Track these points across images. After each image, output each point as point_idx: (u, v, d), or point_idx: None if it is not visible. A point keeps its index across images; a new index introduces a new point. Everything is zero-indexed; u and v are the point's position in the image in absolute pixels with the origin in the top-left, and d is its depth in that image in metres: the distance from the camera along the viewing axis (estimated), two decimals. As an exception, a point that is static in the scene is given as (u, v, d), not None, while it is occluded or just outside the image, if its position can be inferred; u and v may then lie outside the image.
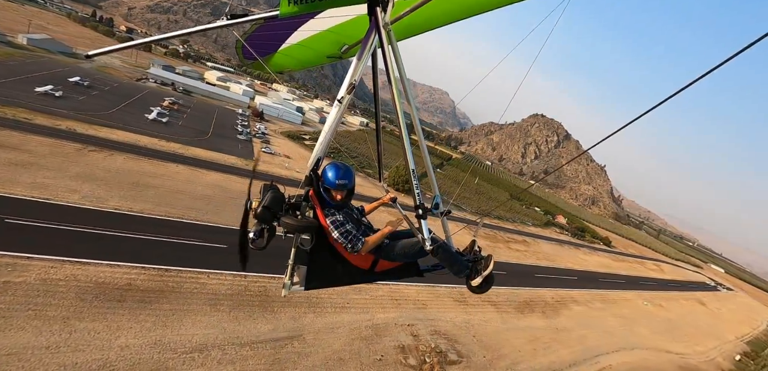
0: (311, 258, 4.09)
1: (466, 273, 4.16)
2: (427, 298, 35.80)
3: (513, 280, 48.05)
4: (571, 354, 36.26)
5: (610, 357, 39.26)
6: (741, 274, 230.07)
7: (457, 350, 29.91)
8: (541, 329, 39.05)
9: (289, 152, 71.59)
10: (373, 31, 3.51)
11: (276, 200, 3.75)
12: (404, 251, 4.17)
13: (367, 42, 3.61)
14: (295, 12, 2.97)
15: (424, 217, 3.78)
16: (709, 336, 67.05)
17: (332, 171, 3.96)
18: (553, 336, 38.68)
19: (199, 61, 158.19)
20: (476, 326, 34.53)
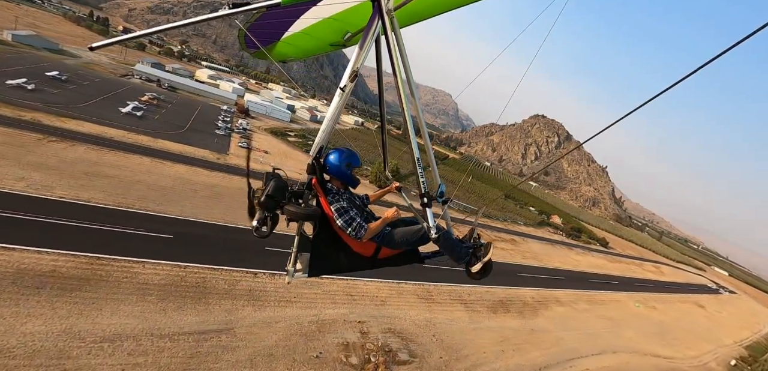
0: (314, 246, 4.11)
1: (466, 260, 4.09)
2: (388, 295, 33.81)
3: (491, 279, 45.64)
4: (543, 356, 34.03)
5: (587, 360, 36.96)
6: (746, 277, 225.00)
7: (411, 350, 27.89)
8: (514, 329, 36.86)
9: (270, 147, 69.97)
10: (376, 17, 3.51)
11: (279, 189, 3.74)
12: (406, 238, 4.09)
13: (369, 29, 3.58)
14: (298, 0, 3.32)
15: (429, 205, 3.73)
16: (704, 340, 64.28)
17: (336, 156, 4.04)
18: (526, 337, 36.46)
19: (194, 61, 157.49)
20: (439, 325, 32.46)
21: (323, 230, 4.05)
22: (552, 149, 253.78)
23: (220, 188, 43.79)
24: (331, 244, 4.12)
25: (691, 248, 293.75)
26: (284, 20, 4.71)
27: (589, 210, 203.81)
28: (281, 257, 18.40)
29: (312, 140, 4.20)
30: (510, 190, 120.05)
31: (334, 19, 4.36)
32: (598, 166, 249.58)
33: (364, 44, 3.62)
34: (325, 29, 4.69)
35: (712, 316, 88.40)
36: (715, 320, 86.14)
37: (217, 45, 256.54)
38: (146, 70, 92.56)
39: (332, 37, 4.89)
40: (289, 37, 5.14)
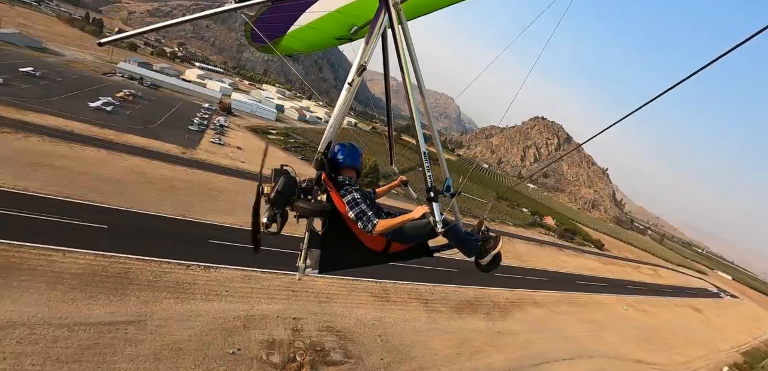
0: (324, 242, 4.12)
1: (475, 253, 4.06)
2: (337, 292, 31.81)
3: (462, 278, 43.38)
4: (503, 360, 31.62)
5: (556, 365, 34.49)
6: (753, 282, 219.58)
7: (347, 350, 25.81)
8: (477, 332, 34.51)
9: (247, 145, 68.15)
10: (383, 10, 3.49)
11: (289, 185, 3.73)
12: (415, 233, 3.96)
13: (376, 22, 3.55)
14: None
15: (435, 199, 3.67)
16: (696, 345, 61.29)
17: (341, 150, 4.12)
18: (490, 339, 34.09)
19: (187, 62, 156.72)
20: (389, 325, 30.28)
21: (333, 226, 4.04)
22: (552, 151, 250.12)
23: (177, 181, 42.16)
24: (341, 239, 4.09)
25: (695, 252, 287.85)
26: (290, 14, 4.62)
27: (588, 213, 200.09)
28: (223, 250, 24.27)
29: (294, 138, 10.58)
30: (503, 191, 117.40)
31: (339, 12, 4.30)
32: (598, 168, 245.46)
33: (371, 38, 3.54)
34: (331, 23, 4.63)
35: (709, 321, 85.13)
36: (712, 324, 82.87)
37: (216, 47, 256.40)
38: (130, 68, 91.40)
39: (338, 31, 4.84)
40: (294, 31, 5.04)
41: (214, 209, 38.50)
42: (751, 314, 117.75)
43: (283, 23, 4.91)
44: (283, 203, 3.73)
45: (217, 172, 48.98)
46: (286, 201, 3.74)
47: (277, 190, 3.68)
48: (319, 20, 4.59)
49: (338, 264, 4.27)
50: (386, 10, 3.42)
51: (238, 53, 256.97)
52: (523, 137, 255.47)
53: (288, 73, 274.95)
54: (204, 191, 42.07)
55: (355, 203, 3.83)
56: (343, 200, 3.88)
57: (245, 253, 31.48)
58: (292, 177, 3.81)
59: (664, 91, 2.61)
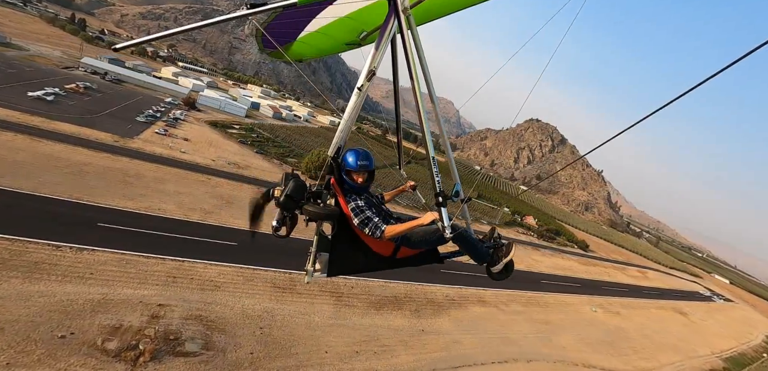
0: (333, 245, 4.12)
1: (486, 260, 4.06)
2: (230, 280, 29.11)
3: (397, 274, 40.11)
4: (414, 362, 28.20)
5: (482, 368, 31.00)
6: (752, 286, 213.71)
7: (211, 341, 22.96)
8: (394, 330, 31.12)
9: (201, 137, 65.49)
10: (392, 16, 3.50)
11: (298, 189, 3.74)
12: (424, 238, 3.92)
13: (386, 28, 3.57)
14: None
15: (443, 204, 3.65)
16: (669, 350, 57.31)
17: (353, 155, 4.02)
18: (406, 338, 30.68)
19: (170, 62, 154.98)
20: (280, 318, 27.19)
21: (342, 230, 4.04)
22: (545, 152, 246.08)
23: (91, 166, 39.72)
24: (350, 244, 4.07)
25: (694, 256, 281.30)
26: (300, 20, 4.63)
27: (581, 215, 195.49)
28: (109, 233, 23.32)
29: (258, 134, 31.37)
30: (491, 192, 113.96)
31: (349, 18, 4.31)
32: (593, 170, 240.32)
33: (380, 43, 3.57)
34: (341, 28, 4.63)
35: (692, 324, 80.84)
36: (696, 328, 78.58)
37: (207, 49, 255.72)
38: (94, 63, 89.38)
39: (348, 37, 4.85)
40: (305, 36, 5.04)
41: (121, 194, 35.84)
42: (744, 318, 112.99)
43: (294, 29, 4.91)
44: (292, 207, 3.74)
45: (144, 160, 46.22)
46: (296, 205, 3.73)
47: (287, 194, 3.68)
48: (329, 26, 4.59)
49: (347, 268, 4.25)
50: (396, 16, 3.44)
51: (230, 55, 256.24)
52: (516, 139, 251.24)
53: (280, 76, 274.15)
54: (118, 177, 39.34)
55: (360, 210, 3.86)
56: (348, 208, 3.89)
57: (135, 237, 29.58)
58: (302, 181, 3.79)
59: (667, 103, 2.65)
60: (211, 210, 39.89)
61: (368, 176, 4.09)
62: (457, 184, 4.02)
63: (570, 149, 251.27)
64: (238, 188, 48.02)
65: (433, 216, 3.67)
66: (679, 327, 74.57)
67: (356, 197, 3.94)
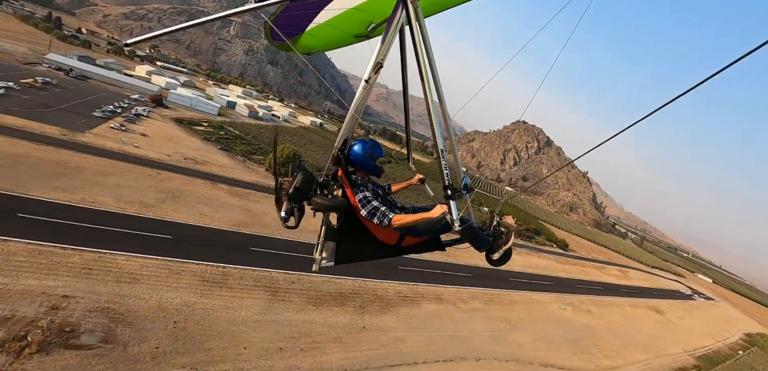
0: (340, 235, 4.19)
1: (486, 248, 4.14)
2: (154, 273, 27.92)
3: (350, 270, 38.49)
4: (346, 359, 26.56)
5: (423, 367, 29.40)
6: (736, 285, 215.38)
7: (113, 334, 21.68)
8: (330, 326, 29.44)
9: (165, 133, 63.38)
10: (400, 7, 3.50)
11: (307, 181, 3.82)
12: (428, 227, 3.93)
13: (393, 19, 3.54)
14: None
15: (452, 197, 3.69)
16: (638, 348, 56.27)
17: (359, 146, 4.19)
18: (343, 335, 29.01)
19: (148, 61, 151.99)
20: (201, 312, 25.62)
21: (348, 220, 4.10)
22: (531, 154, 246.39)
23: (27, 157, 38.35)
24: (356, 233, 4.15)
25: (680, 256, 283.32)
26: (309, 12, 4.62)
27: (566, 215, 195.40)
28: (27, 224, 23.65)
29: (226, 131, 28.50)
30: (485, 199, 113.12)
31: (357, 9, 4.29)
32: (578, 171, 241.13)
33: (387, 35, 3.54)
34: (349, 20, 4.60)
35: (668, 323, 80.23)
36: (671, 327, 77.94)
37: (191, 50, 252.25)
38: (58, 60, 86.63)
39: (356, 29, 4.83)
40: (313, 28, 5.03)
41: (53, 187, 34.11)
42: (723, 316, 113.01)
43: (302, 21, 4.91)
44: (300, 198, 3.81)
45: (90, 153, 44.26)
46: (304, 196, 3.82)
47: (295, 186, 3.76)
48: (337, 18, 4.57)
49: (352, 256, 4.32)
50: (403, 7, 3.43)
51: (214, 57, 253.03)
52: (503, 141, 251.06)
53: (265, 77, 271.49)
54: (55, 170, 37.47)
55: (367, 200, 3.94)
56: (356, 198, 3.95)
57: (56, 228, 28.11)
58: (310, 173, 3.87)
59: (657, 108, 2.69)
60: (152, 204, 37.99)
61: (374, 168, 4.27)
62: (465, 177, 4.08)
63: (556, 151, 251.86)
64: (188, 183, 46.12)
65: (442, 209, 3.69)
66: (653, 325, 73.79)
67: (363, 188, 4.02)
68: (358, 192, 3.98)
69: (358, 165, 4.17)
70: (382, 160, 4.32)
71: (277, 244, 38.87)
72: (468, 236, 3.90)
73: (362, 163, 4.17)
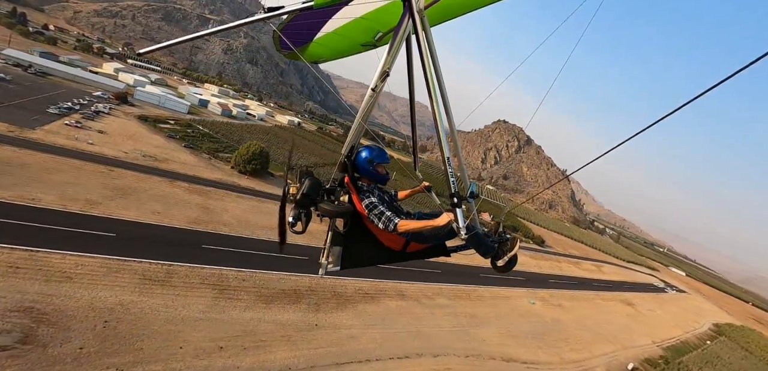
0: (346, 240, 4.25)
1: (491, 255, 4.15)
2: (89, 271, 26.56)
3: (303, 266, 37.40)
4: (291, 358, 25.53)
5: (376, 364, 28.57)
6: (708, 278, 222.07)
7: (33, 335, 20.54)
8: (282, 324, 28.37)
9: (119, 130, 60.75)
10: (407, 16, 3.52)
11: (314, 187, 3.89)
12: (434, 234, 4.02)
13: (400, 28, 3.60)
14: (329, 2, 3.26)
15: (458, 205, 3.64)
16: (606, 341, 56.76)
17: (366, 153, 4.24)
18: (294, 333, 27.96)
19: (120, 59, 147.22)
20: (136, 311, 24.36)
21: (354, 226, 4.17)
22: (511, 153, 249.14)
23: None
24: (361, 239, 4.22)
25: (656, 250, 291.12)
26: (317, 21, 4.68)
27: (545, 213, 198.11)
28: None
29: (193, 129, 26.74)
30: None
31: (364, 18, 4.34)
32: (557, 169, 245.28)
33: (394, 44, 3.61)
34: (356, 29, 4.67)
35: (638, 315, 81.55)
36: (641, 319, 79.26)
37: (167, 49, 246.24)
38: (17, 55, 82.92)
39: (363, 37, 4.88)
40: (321, 38, 5.08)
41: (-12, 184, 32.02)
42: (693, 308, 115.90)
43: (310, 30, 4.96)
44: (307, 204, 3.86)
45: (37, 150, 42.23)
46: (311, 202, 3.87)
47: (303, 192, 3.83)
48: (345, 27, 4.63)
49: (358, 261, 4.38)
50: (410, 17, 3.46)
51: (192, 56, 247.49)
52: (484, 140, 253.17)
53: (245, 77, 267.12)
54: (-5, 166, 35.40)
55: (373, 206, 3.99)
56: (362, 204, 4.02)
57: None
58: (317, 179, 3.96)
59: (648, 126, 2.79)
60: (100, 201, 36.18)
61: (380, 175, 4.32)
62: (471, 184, 4.10)
63: (535, 149, 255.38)
64: (143, 181, 44.25)
65: (448, 216, 3.64)
66: (623, 317, 74.83)
67: (369, 194, 4.08)
68: (364, 198, 4.03)
69: (364, 172, 4.22)
70: (387, 166, 4.35)
71: (234, 242, 37.55)
72: (474, 243, 3.92)
73: (368, 170, 4.21)
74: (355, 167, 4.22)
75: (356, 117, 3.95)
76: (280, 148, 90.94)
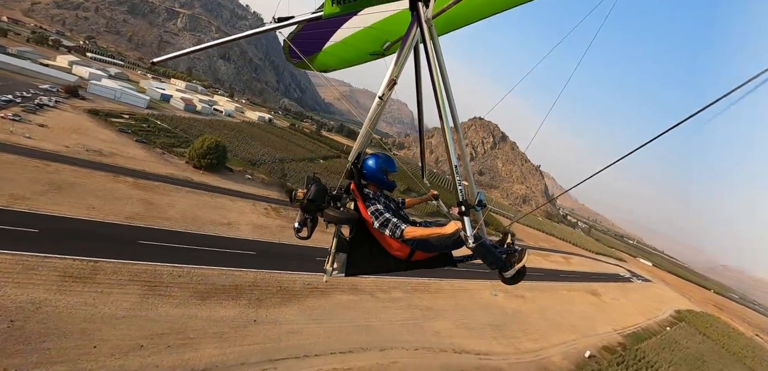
0: (351, 247, 4.23)
1: (499, 266, 4.07)
2: (8, 268, 23.86)
3: (250, 261, 36.06)
4: (221, 355, 24.30)
5: (317, 360, 27.60)
6: (675, 268, 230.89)
7: None
8: (216, 321, 27.02)
9: (67, 125, 57.50)
10: (415, 26, 3.53)
11: (320, 193, 3.91)
12: (441, 242, 4.00)
13: (408, 38, 3.58)
14: (338, 12, 3.25)
15: (466, 213, 3.69)
16: (566, 330, 57.49)
17: (372, 161, 4.21)
18: (228, 330, 26.67)
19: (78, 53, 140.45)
20: (48, 310, 22.98)
21: (360, 233, 4.16)
22: (487, 149, 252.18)
23: None
24: (367, 246, 4.19)
25: (626, 242, 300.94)
26: (326, 31, 4.73)
27: (518, 208, 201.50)
28: None
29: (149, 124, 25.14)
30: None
31: (373, 28, 4.39)
32: (531, 165, 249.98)
33: (402, 53, 3.59)
34: (365, 39, 4.71)
35: (602, 304, 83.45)
36: (604, 308, 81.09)
37: (133, 43, 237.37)
38: (-44, 46, 77.49)
39: (371, 47, 4.94)
40: (330, 47, 5.13)
41: None
42: (656, 295, 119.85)
43: (319, 40, 5.01)
44: (313, 210, 3.89)
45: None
46: (317, 208, 3.88)
47: (309, 198, 3.84)
48: (353, 36, 4.66)
49: (363, 269, 4.35)
50: (418, 26, 3.47)
51: (160, 50, 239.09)
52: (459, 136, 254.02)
53: (217, 73, 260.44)
54: None
55: (379, 213, 3.95)
56: (368, 212, 4.00)
57: None
58: (323, 185, 3.97)
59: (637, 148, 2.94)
60: (27, 196, 33.83)
61: (385, 183, 4.29)
62: (479, 193, 4.14)
63: (510, 146, 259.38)
64: (83, 176, 41.78)
65: (456, 226, 3.59)
66: (587, 306, 76.33)
67: (375, 201, 4.05)
68: (370, 205, 4.02)
69: (370, 179, 4.20)
70: (394, 175, 4.32)
71: (175, 237, 35.82)
72: (481, 253, 3.84)
73: (375, 177, 4.19)
74: (361, 174, 4.18)
75: (364, 125, 3.91)
76: (245, 144, 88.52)
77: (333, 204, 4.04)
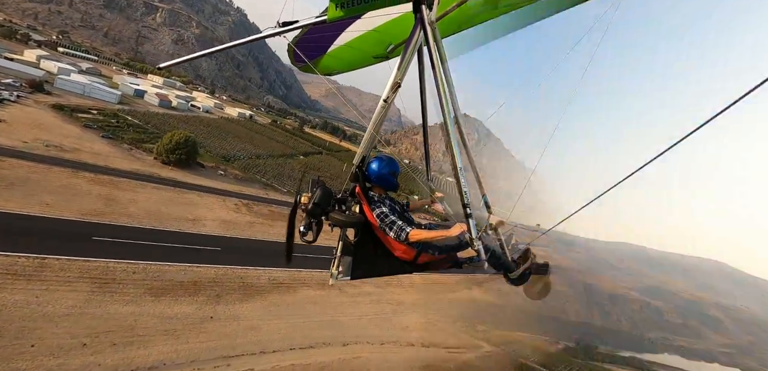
0: (357, 250, 4.28)
1: (504, 268, 4.23)
2: None
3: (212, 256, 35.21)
4: (172, 352, 23.70)
5: (273, 356, 27.10)
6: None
7: None
8: (169, 318, 26.24)
9: (27, 120, 55.32)
10: (418, 28, 3.50)
11: (325, 197, 3.97)
12: (446, 245, 4.10)
13: (411, 40, 3.55)
14: (342, 16, 3.12)
15: (471, 216, 3.68)
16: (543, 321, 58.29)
17: (376, 164, 4.24)
18: (182, 327, 25.94)
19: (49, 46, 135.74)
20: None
21: (365, 236, 4.19)
22: (471, 146, 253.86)
23: None
24: (372, 249, 4.22)
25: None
26: (330, 34, 4.74)
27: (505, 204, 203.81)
28: None
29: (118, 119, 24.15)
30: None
31: (377, 31, 4.42)
32: (515, 160, 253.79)
33: (405, 55, 3.55)
34: (369, 42, 4.73)
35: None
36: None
37: (109, 38, 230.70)
38: None
39: (375, 50, 4.94)
40: (334, 50, 5.12)
41: None
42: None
43: (323, 43, 4.98)
44: (319, 214, 3.93)
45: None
46: (322, 212, 3.93)
47: (314, 202, 3.87)
48: (358, 39, 4.69)
49: (369, 272, 4.37)
50: (421, 28, 3.43)
51: (138, 45, 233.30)
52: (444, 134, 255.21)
53: (198, 70, 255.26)
54: None
55: (384, 216, 3.98)
56: (373, 214, 4.01)
57: None
58: (328, 189, 4.01)
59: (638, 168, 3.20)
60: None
61: (391, 185, 4.31)
62: (484, 196, 4.26)
63: (495, 142, 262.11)
64: (39, 171, 40.15)
65: (461, 228, 3.62)
66: (562, 300, 77.38)
67: (380, 204, 4.06)
68: (375, 208, 4.02)
69: (375, 181, 4.20)
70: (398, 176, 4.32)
71: (134, 233, 34.69)
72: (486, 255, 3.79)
73: (379, 179, 4.19)
74: (366, 178, 4.15)
75: (368, 128, 3.86)
76: (221, 139, 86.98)
77: (338, 208, 4.06)
